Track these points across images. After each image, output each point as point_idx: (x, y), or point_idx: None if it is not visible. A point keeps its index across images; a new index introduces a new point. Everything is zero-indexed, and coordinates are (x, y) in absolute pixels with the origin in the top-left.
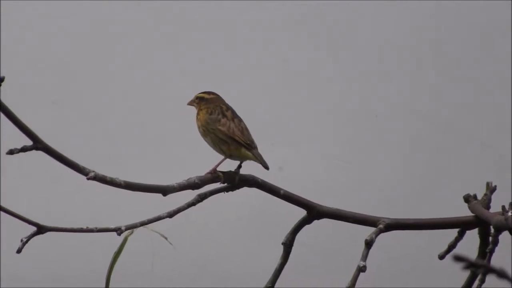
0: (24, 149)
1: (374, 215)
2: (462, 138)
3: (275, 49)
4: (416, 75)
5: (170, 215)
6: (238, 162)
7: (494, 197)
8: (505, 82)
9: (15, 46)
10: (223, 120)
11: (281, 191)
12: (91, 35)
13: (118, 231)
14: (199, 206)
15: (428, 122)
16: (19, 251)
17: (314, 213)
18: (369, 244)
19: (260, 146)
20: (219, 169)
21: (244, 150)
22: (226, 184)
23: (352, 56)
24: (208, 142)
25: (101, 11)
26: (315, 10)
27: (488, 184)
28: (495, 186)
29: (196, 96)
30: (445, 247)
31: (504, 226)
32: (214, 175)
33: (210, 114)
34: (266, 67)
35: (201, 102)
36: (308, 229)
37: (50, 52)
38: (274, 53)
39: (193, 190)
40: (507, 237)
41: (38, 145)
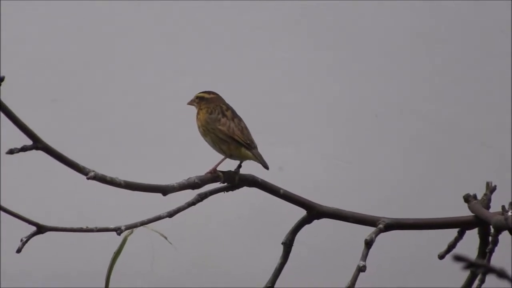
0: (24, 148)
1: (374, 215)
2: (462, 138)
3: (275, 49)
4: (416, 75)
5: (170, 215)
6: (238, 162)
7: (494, 197)
8: (505, 82)
9: (15, 46)
10: (223, 119)
11: (281, 191)
12: (91, 35)
13: (118, 231)
14: (199, 205)
15: (428, 122)
16: (19, 251)
17: (314, 213)
18: (369, 244)
19: (260, 146)
20: (219, 168)
21: (244, 150)
22: (226, 184)
23: (352, 56)
24: (208, 142)
25: (101, 11)
26: (315, 10)
27: (488, 184)
28: (495, 186)
29: (196, 95)
30: (445, 247)
31: (504, 226)
32: (214, 175)
33: (210, 113)
34: (266, 67)
35: (201, 102)
36: (308, 229)
37: (50, 51)
38: (274, 53)
39: (193, 189)
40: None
41: (38, 144)
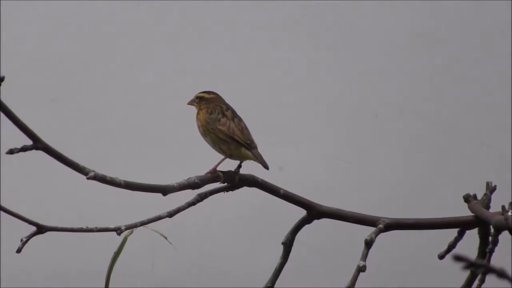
0: (24, 148)
1: (374, 215)
2: (462, 138)
3: (275, 49)
4: (416, 75)
5: (170, 215)
6: (238, 162)
7: (494, 197)
8: (505, 82)
9: (15, 46)
10: (223, 119)
11: (281, 191)
12: (91, 35)
13: (118, 231)
14: (199, 205)
15: (428, 122)
16: (19, 251)
17: (314, 212)
18: (369, 244)
19: (260, 146)
20: (219, 168)
21: (244, 150)
22: (226, 183)
23: (352, 56)
24: (208, 142)
25: (101, 11)
26: (315, 10)
27: (488, 184)
28: (495, 186)
29: (196, 95)
30: (445, 247)
31: (504, 226)
32: (214, 175)
33: (210, 113)
34: (266, 67)
35: (201, 102)
36: (308, 228)
37: (50, 51)
38: (274, 53)
39: (193, 189)
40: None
41: (38, 144)
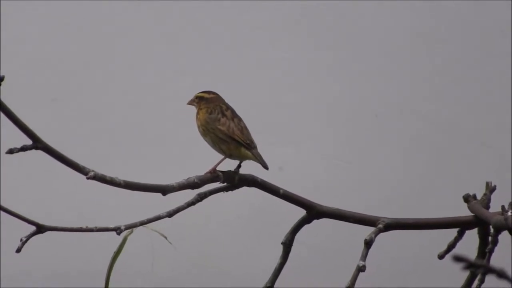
0: (24, 148)
1: (374, 215)
2: (462, 138)
3: (275, 49)
4: (416, 75)
5: (170, 215)
6: (237, 162)
7: (494, 197)
8: (505, 82)
9: (15, 46)
10: (223, 119)
11: (280, 191)
12: (91, 35)
13: (117, 231)
14: (199, 205)
15: (428, 122)
16: (19, 251)
17: (313, 212)
18: (368, 244)
19: (260, 146)
20: (219, 168)
21: (243, 150)
22: (225, 183)
23: (352, 56)
24: (208, 142)
25: (101, 11)
26: (315, 10)
27: (487, 184)
28: (495, 186)
29: (196, 95)
30: (444, 247)
31: (503, 226)
32: (214, 175)
33: (209, 113)
34: (266, 67)
35: (201, 102)
36: (307, 228)
37: (50, 51)
38: (274, 53)
39: (192, 189)
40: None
41: (38, 144)
